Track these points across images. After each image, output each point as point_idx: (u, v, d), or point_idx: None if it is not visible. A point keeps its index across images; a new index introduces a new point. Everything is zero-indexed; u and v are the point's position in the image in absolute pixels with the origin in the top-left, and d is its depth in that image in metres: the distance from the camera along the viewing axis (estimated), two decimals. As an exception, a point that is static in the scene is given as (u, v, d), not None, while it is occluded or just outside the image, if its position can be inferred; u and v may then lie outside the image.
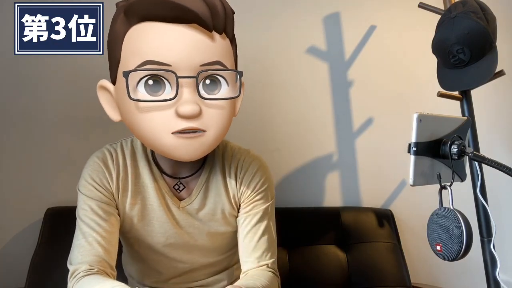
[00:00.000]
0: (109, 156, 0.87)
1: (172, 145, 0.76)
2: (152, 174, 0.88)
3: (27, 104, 1.39)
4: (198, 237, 0.92)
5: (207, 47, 0.75)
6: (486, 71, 1.15)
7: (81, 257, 0.79)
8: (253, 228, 0.89)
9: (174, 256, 0.93)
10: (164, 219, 0.89)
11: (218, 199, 0.90)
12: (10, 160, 1.37)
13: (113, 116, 0.83)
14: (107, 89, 0.82)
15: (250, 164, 0.91)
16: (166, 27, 0.73)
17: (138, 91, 0.75)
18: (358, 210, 1.56)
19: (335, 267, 1.41)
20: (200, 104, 0.75)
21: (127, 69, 0.75)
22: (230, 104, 0.80)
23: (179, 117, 0.74)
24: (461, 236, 0.72)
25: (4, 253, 1.37)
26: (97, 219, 0.83)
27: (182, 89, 0.74)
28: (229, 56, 0.80)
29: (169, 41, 0.73)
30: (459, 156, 0.77)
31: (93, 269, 0.78)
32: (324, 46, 1.60)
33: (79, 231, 0.83)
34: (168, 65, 0.73)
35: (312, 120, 1.60)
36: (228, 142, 0.95)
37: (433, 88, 1.25)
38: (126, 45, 0.76)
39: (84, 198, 0.84)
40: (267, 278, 0.84)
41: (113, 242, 0.84)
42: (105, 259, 0.81)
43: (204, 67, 0.75)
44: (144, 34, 0.74)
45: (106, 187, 0.85)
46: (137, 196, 0.88)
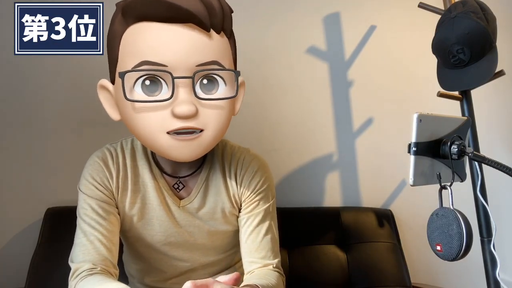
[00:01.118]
0: (109, 155, 0.88)
1: (168, 145, 0.77)
2: (152, 173, 0.88)
3: (27, 104, 1.39)
4: (198, 236, 0.92)
5: (204, 47, 0.75)
6: (486, 71, 1.15)
7: (82, 256, 0.80)
8: (256, 228, 0.89)
9: (174, 255, 0.93)
10: (164, 218, 0.89)
11: (218, 198, 0.90)
12: (10, 160, 1.37)
13: (113, 115, 0.84)
14: (107, 89, 0.83)
15: (250, 164, 0.91)
16: (163, 27, 0.73)
17: (135, 91, 0.75)
18: (358, 210, 1.56)
19: (335, 267, 1.41)
20: (196, 104, 0.75)
21: (124, 69, 0.75)
22: (228, 103, 0.80)
23: (175, 117, 0.74)
24: (461, 236, 0.72)
25: (4, 253, 1.37)
26: (98, 218, 0.83)
27: (178, 89, 0.74)
28: (227, 55, 0.79)
29: (165, 41, 0.73)
30: (459, 156, 0.77)
31: (96, 268, 0.78)
32: (324, 46, 1.60)
33: (79, 230, 0.83)
34: (164, 65, 0.73)
35: (312, 120, 1.60)
36: (227, 141, 0.96)
37: (433, 88, 1.25)
38: (123, 45, 0.76)
39: (84, 197, 0.85)
40: (275, 277, 0.84)
41: (114, 240, 0.84)
42: (108, 258, 0.81)
43: (200, 67, 0.75)
44: (140, 34, 0.74)
45: (107, 186, 0.86)
46: (137, 195, 0.88)
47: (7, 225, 1.37)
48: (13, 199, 1.37)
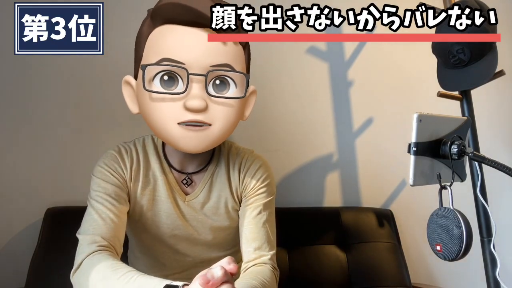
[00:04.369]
0: (124, 150, 0.94)
1: (178, 135, 0.84)
2: (162, 168, 0.94)
3: (27, 104, 1.38)
4: (201, 230, 0.97)
5: (219, 50, 0.83)
6: (486, 71, 1.15)
7: (93, 229, 0.82)
8: (254, 219, 0.93)
9: (178, 248, 0.97)
10: (171, 211, 0.94)
11: (222, 193, 0.96)
12: (10, 160, 1.37)
13: (132, 108, 0.92)
14: (130, 84, 0.91)
15: (253, 161, 0.98)
16: (184, 30, 0.82)
17: (154, 84, 0.83)
18: (358, 210, 1.56)
19: (335, 267, 1.41)
20: (207, 100, 0.83)
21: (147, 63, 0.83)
22: (238, 104, 0.87)
23: (186, 110, 0.82)
24: (461, 236, 0.72)
25: (4, 253, 1.37)
26: (111, 199, 0.87)
27: (192, 85, 0.82)
28: (239, 60, 0.87)
29: (185, 42, 0.82)
30: (459, 156, 0.77)
31: (103, 243, 0.80)
32: (324, 46, 1.60)
33: (91, 208, 0.86)
34: (182, 63, 0.81)
35: (312, 120, 1.60)
36: (232, 143, 1.02)
37: (433, 88, 1.25)
38: (148, 44, 0.85)
39: (98, 181, 0.88)
40: (266, 275, 0.85)
41: (123, 224, 0.88)
42: (116, 236, 0.84)
43: (214, 68, 0.83)
44: (164, 35, 0.83)
45: (121, 174, 0.91)
46: (147, 187, 0.93)
47: (7, 225, 1.37)
48: (13, 199, 1.37)
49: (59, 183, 1.39)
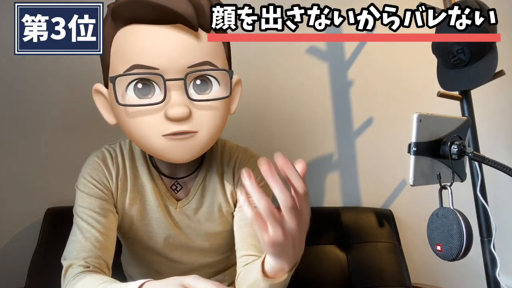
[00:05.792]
0: (109, 156, 0.87)
1: (164, 147, 0.76)
2: (150, 175, 0.88)
3: (27, 104, 1.38)
4: (195, 238, 0.92)
5: (194, 48, 0.74)
6: (486, 71, 1.15)
7: (76, 253, 0.78)
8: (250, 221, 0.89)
9: (173, 257, 0.93)
10: (162, 220, 0.88)
11: (215, 197, 0.90)
12: (10, 160, 1.37)
13: (109, 120, 0.83)
14: (102, 93, 0.82)
15: (249, 161, 0.90)
16: (151, 30, 0.72)
17: (128, 95, 0.75)
18: (358, 210, 1.56)
19: (335, 267, 1.41)
20: (189, 106, 0.74)
21: (115, 74, 0.74)
22: (223, 104, 0.79)
23: (168, 120, 0.74)
24: (461, 236, 0.72)
25: (4, 253, 1.37)
26: (96, 216, 0.81)
27: (170, 92, 0.73)
28: (219, 54, 0.78)
29: (155, 43, 0.72)
30: (459, 156, 0.77)
31: (88, 267, 0.77)
32: (324, 46, 1.60)
33: (76, 227, 0.82)
34: (155, 68, 0.72)
35: (312, 120, 1.60)
36: (226, 141, 0.95)
37: (433, 88, 1.25)
38: (114, 48, 0.76)
39: (82, 195, 0.83)
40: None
41: (111, 239, 0.83)
42: (102, 257, 0.79)
43: (192, 68, 0.74)
44: (130, 37, 0.74)
45: (106, 185, 0.85)
46: (136, 196, 0.88)
47: (7, 225, 1.37)
48: (13, 199, 1.37)
49: (59, 183, 1.39)
